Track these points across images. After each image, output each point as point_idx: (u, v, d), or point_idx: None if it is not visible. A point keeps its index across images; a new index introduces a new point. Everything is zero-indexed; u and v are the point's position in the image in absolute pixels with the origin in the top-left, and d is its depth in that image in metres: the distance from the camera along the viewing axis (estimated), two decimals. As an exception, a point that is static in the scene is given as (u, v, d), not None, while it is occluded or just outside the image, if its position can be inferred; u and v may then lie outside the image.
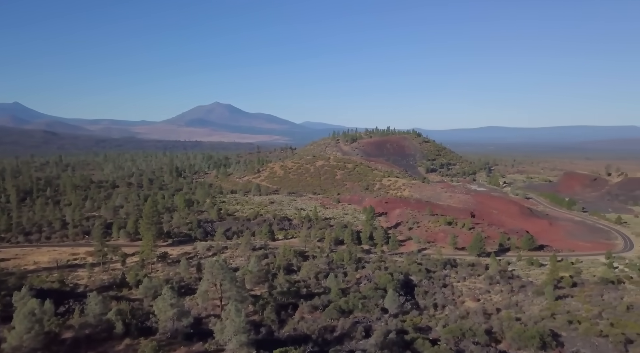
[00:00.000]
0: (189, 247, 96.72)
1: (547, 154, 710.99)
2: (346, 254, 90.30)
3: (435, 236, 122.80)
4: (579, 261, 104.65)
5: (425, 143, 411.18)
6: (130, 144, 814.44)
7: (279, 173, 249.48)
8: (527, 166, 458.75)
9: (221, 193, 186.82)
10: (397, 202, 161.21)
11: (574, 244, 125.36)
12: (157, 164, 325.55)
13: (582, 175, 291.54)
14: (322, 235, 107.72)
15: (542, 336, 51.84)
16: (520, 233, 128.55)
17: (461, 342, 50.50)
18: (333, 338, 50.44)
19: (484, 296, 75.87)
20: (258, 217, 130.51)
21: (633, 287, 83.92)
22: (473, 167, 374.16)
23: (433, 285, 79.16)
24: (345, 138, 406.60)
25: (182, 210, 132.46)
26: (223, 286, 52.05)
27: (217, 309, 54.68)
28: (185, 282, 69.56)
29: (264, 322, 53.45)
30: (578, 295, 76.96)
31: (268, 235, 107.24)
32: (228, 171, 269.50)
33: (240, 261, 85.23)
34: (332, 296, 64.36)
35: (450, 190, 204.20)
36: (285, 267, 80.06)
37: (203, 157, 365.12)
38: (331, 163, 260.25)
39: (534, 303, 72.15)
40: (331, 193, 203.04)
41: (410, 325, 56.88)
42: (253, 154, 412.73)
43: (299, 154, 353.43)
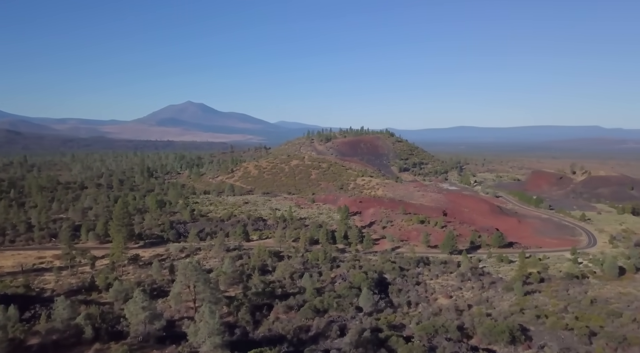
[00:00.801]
0: (162, 248, 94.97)
1: (516, 153, 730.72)
2: (321, 254, 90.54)
3: (409, 234, 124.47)
4: (546, 257, 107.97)
5: (398, 143, 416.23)
6: (99, 143, 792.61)
7: (253, 173, 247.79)
8: (497, 165, 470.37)
9: (194, 194, 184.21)
10: (371, 201, 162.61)
11: (541, 241, 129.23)
12: (127, 164, 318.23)
13: (549, 173, 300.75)
14: (297, 235, 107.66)
15: (512, 331, 53.30)
16: (491, 230, 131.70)
17: (434, 339, 51.40)
18: (308, 338, 50.51)
19: (456, 293, 77.47)
20: (232, 218, 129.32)
21: (596, 282, 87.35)
22: (445, 166, 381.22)
23: (406, 283, 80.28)
24: (319, 138, 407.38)
25: (154, 211, 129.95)
26: (197, 288, 51.40)
27: (190, 311, 53.98)
28: (158, 284, 68.30)
29: (238, 323, 53.08)
30: (545, 290, 79.52)
31: (242, 236, 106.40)
32: (201, 171, 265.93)
33: (214, 262, 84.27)
34: (307, 296, 64.45)
35: (423, 189, 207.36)
36: (260, 268, 79.64)
37: (175, 157, 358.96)
38: (306, 163, 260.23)
39: (503, 299, 74.13)
40: (306, 193, 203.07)
41: (384, 323, 57.51)
42: (226, 153, 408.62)
43: (274, 153, 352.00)
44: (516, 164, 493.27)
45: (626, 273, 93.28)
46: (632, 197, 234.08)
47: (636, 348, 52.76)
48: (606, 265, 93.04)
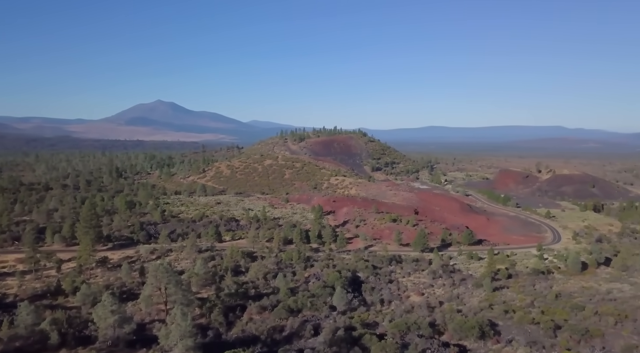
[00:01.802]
0: (131, 250, 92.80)
1: (485, 153, 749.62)
2: (295, 253, 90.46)
3: (381, 233, 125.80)
4: (513, 254, 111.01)
5: (371, 142, 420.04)
6: (65, 143, 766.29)
7: (225, 173, 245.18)
8: (467, 164, 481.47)
9: (165, 194, 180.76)
10: (344, 201, 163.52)
11: (509, 238, 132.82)
12: (95, 165, 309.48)
13: (516, 172, 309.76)
14: (271, 235, 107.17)
15: (481, 326, 54.68)
16: (461, 228, 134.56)
17: (407, 336, 52.18)
18: (282, 338, 50.46)
19: (428, 290, 78.79)
20: (204, 218, 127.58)
21: (561, 277, 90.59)
22: (416, 165, 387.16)
23: (379, 281, 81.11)
24: (293, 137, 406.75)
25: (123, 212, 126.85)
26: (168, 290, 50.57)
27: (161, 314, 53.04)
28: (127, 287, 66.78)
29: (211, 324, 52.52)
30: (513, 285, 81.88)
31: (215, 237, 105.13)
32: (172, 171, 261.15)
33: (185, 264, 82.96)
34: (281, 296, 64.30)
35: (395, 188, 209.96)
36: (232, 269, 78.93)
37: (145, 157, 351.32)
38: (279, 162, 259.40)
39: (473, 295, 75.87)
40: (280, 192, 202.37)
41: (358, 321, 58.00)
42: (198, 153, 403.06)
43: (247, 153, 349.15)
44: (485, 163, 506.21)
45: (588, 268, 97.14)
46: (594, 195, 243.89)
47: (598, 340, 55.00)
48: (570, 260, 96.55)
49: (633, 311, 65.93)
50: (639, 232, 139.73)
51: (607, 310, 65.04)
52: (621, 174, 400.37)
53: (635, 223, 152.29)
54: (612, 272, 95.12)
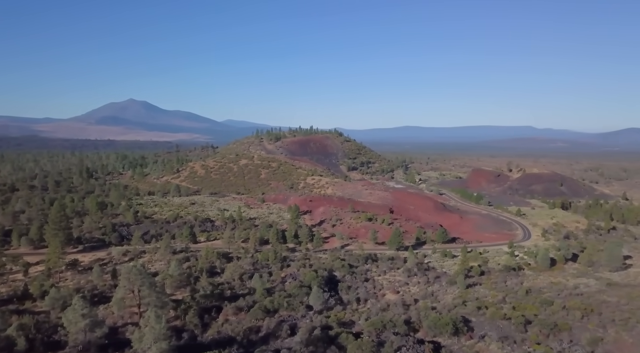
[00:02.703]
0: (103, 252, 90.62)
1: (457, 152, 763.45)
2: (271, 253, 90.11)
3: (357, 232, 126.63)
4: (485, 251, 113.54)
5: (347, 142, 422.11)
6: (32, 143, 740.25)
7: (200, 173, 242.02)
8: (440, 164, 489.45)
9: (138, 195, 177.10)
10: (321, 200, 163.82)
11: (481, 235, 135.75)
12: (64, 165, 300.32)
13: (488, 171, 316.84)
14: (247, 236, 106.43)
15: (455, 322, 55.72)
16: (435, 227, 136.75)
17: (382, 334, 52.69)
18: (258, 339, 50.22)
19: (403, 288, 79.75)
20: (178, 219, 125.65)
21: (531, 273, 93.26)
22: (391, 165, 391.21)
23: (356, 279, 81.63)
24: (269, 137, 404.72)
25: (94, 213, 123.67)
26: (141, 292, 49.62)
27: (135, 317, 52.01)
28: (99, 290, 65.20)
29: (186, 326, 51.83)
30: (485, 282, 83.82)
31: (189, 238, 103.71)
32: (145, 171, 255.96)
33: (159, 265, 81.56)
34: (257, 296, 63.95)
35: (370, 188, 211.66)
36: (208, 270, 78.02)
37: (117, 157, 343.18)
38: (255, 162, 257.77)
39: (447, 292, 77.26)
40: (255, 192, 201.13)
41: (334, 320, 58.23)
42: (172, 153, 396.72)
43: (222, 153, 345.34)
44: (458, 162, 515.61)
45: (557, 264, 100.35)
46: (562, 193, 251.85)
47: (565, 334, 56.87)
48: (539, 257, 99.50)
49: (598, 305, 68.49)
50: (603, 229, 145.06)
51: (574, 304, 67.35)
52: (587, 172, 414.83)
53: (600, 220, 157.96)
54: (579, 268, 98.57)
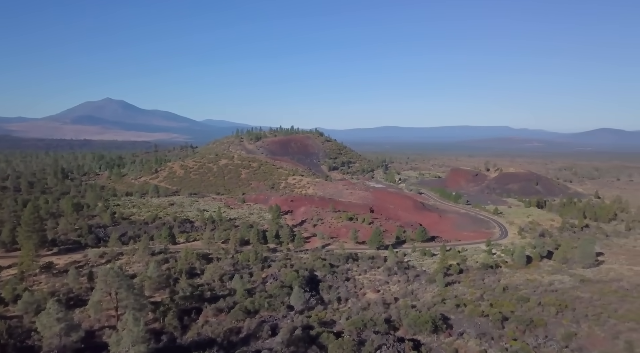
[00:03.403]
0: (79, 254, 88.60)
1: (436, 152, 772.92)
2: (252, 254, 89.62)
3: (338, 231, 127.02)
4: (464, 249, 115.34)
5: (328, 142, 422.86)
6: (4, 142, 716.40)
7: (179, 173, 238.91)
8: (419, 163, 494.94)
9: (115, 196, 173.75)
10: (302, 200, 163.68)
11: (460, 234, 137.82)
12: (38, 165, 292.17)
13: (466, 171, 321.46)
14: (227, 236, 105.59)
15: (434, 320, 56.46)
16: (415, 226, 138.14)
17: (363, 333, 53.01)
18: (239, 340, 49.95)
19: (384, 287, 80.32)
20: (157, 220, 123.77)
21: (507, 270, 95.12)
22: (371, 164, 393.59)
23: (336, 279, 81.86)
24: (249, 137, 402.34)
25: (70, 215, 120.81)
26: (119, 295, 48.78)
27: (112, 320, 51.11)
28: (75, 293, 63.76)
29: (165, 329, 51.16)
30: (464, 280, 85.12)
31: (168, 239, 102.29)
32: (122, 172, 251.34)
33: (138, 267, 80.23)
34: (237, 297, 63.54)
35: (351, 187, 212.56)
36: (187, 271, 77.09)
37: (93, 157, 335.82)
38: (235, 162, 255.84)
39: (427, 291, 78.16)
40: (236, 193, 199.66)
41: (315, 320, 58.32)
42: (150, 153, 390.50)
43: (201, 152, 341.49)
44: (437, 162, 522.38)
45: (532, 261, 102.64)
46: (537, 192, 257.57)
47: (541, 329, 58.24)
48: (516, 254, 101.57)
49: (572, 301, 70.41)
50: (577, 227, 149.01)
51: (549, 300, 69.06)
52: (561, 171, 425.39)
53: (574, 218, 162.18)
54: (553, 265, 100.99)
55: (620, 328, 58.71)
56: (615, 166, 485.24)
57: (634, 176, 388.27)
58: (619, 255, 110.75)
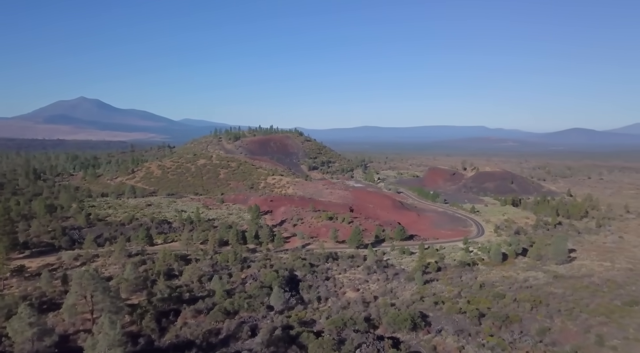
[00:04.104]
0: (52, 257, 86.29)
1: (415, 152, 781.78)
2: (231, 255, 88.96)
3: (318, 231, 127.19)
4: (442, 247, 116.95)
5: (307, 142, 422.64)
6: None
7: (156, 173, 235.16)
8: (398, 163, 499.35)
9: (90, 197, 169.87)
10: (282, 200, 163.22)
11: (438, 233, 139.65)
12: (8, 166, 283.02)
13: (443, 170, 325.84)
14: (206, 237, 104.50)
15: (413, 318, 57.20)
16: (393, 224, 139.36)
17: (343, 331, 53.33)
18: (218, 341, 49.61)
19: (363, 285, 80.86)
20: (134, 221, 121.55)
21: (484, 268, 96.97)
22: (350, 164, 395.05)
23: (316, 278, 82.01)
24: (228, 136, 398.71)
25: (43, 216, 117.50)
26: (94, 297, 47.77)
27: (87, 324, 50.03)
28: (48, 296, 62.04)
29: (142, 331, 50.38)
30: (442, 278, 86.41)
31: (145, 240, 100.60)
32: (98, 172, 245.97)
33: (114, 269, 78.69)
34: (216, 298, 63.02)
35: (331, 187, 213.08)
36: (165, 272, 75.97)
37: (67, 157, 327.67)
38: (214, 162, 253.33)
39: (406, 289, 79.02)
40: (214, 193, 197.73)
41: (295, 320, 58.37)
42: (126, 153, 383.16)
43: (179, 152, 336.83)
44: (415, 161, 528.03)
45: (508, 258, 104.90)
46: (513, 190, 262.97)
47: (516, 325, 59.66)
48: (492, 252, 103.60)
49: (546, 296, 72.31)
50: (550, 224, 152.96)
51: (524, 297, 70.75)
52: (535, 170, 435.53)
53: (548, 216, 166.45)
54: (528, 262, 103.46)
55: (591, 322, 60.64)
56: (587, 165, 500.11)
57: (604, 175, 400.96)
58: (590, 252, 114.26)
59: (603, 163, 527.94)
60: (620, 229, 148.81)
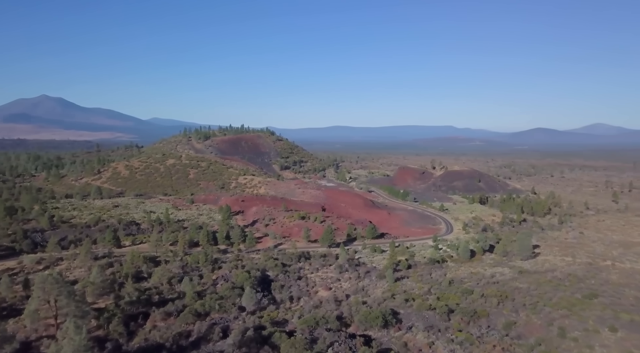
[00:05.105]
0: (13, 261, 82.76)
1: (385, 151, 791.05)
2: (202, 256, 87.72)
3: (291, 230, 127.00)
4: (412, 245, 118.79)
5: (279, 141, 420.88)
6: None
7: (123, 173, 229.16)
8: (369, 162, 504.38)
9: (53, 198, 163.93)
10: (253, 200, 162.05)
11: (408, 231, 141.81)
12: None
13: (413, 169, 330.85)
14: (175, 238, 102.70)
15: (384, 315, 57.92)
16: (365, 223, 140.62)
17: (315, 330, 53.45)
18: (189, 343, 48.90)
19: (335, 284, 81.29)
20: (100, 223, 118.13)
21: (453, 264, 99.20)
22: (322, 164, 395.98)
23: (289, 278, 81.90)
24: (198, 136, 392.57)
25: (2, 219, 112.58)
26: (59, 302, 46.22)
27: (51, 329, 48.38)
28: (8, 302, 59.59)
29: (110, 336, 49.12)
30: (412, 275, 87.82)
31: (113, 242, 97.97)
32: (61, 173, 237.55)
33: (79, 272, 76.31)
34: (187, 300, 62.03)
35: (303, 186, 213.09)
36: (133, 275, 74.25)
37: (29, 158, 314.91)
38: (183, 162, 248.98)
39: (377, 287, 79.92)
40: (184, 193, 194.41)
41: (267, 320, 58.12)
42: (92, 153, 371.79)
43: (147, 152, 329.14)
44: (386, 161, 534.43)
45: (476, 255, 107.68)
46: (480, 189, 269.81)
47: (484, 320, 61.27)
48: (460, 249, 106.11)
49: (512, 291, 74.62)
50: (516, 221, 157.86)
51: (491, 292, 72.77)
52: (501, 169, 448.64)
53: (513, 213, 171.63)
54: (495, 258, 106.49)
55: (554, 315, 62.97)
56: (549, 164, 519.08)
57: (566, 173, 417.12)
58: (552, 247, 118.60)
59: (564, 162, 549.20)
60: (581, 225, 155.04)
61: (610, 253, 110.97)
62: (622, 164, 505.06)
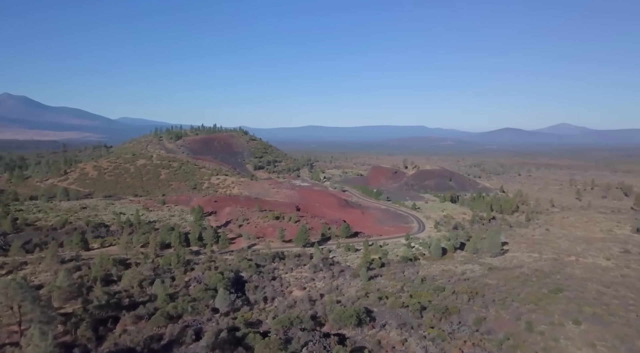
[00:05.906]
0: (-27, 267, 79.41)
1: (358, 151, 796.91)
2: (174, 257, 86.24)
3: (265, 231, 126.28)
4: (385, 244, 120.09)
5: (252, 141, 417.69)
6: None
7: (91, 174, 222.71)
8: (343, 162, 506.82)
9: (17, 200, 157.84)
10: (226, 200, 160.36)
11: (381, 229, 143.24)
12: None
13: (386, 168, 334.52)
14: (146, 240, 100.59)
15: (358, 314, 58.42)
16: (339, 222, 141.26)
17: (290, 330, 53.45)
18: (161, 347, 48.08)
19: (310, 284, 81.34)
20: (67, 225, 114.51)
21: (425, 262, 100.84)
22: (297, 163, 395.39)
23: (263, 279, 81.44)
24: (169, 135, 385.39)
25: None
26: (23, 308, 44.62)
27: (14, 336, 46.64)
28: (-32, 309, 57.09)
29: (77, 341, 47.77)
30: (386, 273, 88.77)
31: (80, 245, 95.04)
32: (25, 174, 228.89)
33: (45, 277, 73.78)
34: (158, 303, 60.94)
35: (277, 186, 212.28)
36: (102, 278, 72.35)
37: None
38: (154, 162, 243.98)
39: (351, 285, 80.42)
40: (155, 194, 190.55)
41: (241, 321, 57.70)
42: (58, 153, 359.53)
43: (116, 152, 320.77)
44: (359, 160, 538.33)
45: (447, 252, 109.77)
46: (451, 188, 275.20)
47: (455, 316, 62.62)
48: (432, 247, 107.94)
49: (482, 288, 76.51)
50: (485, 219, 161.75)
51: (462, 289, 74.40)
52: (471, 168, 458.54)
53: (483, 211, 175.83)
54: (465, 255, 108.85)
55: (522, 310, 64.95)
56: (517, 163, 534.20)
57: (532, 171, 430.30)
58: (520, 244, 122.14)
59: (531, 161, 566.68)
60: (547, 222, 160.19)
61: (574, 249, 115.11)
62: (585, 163, 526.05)
